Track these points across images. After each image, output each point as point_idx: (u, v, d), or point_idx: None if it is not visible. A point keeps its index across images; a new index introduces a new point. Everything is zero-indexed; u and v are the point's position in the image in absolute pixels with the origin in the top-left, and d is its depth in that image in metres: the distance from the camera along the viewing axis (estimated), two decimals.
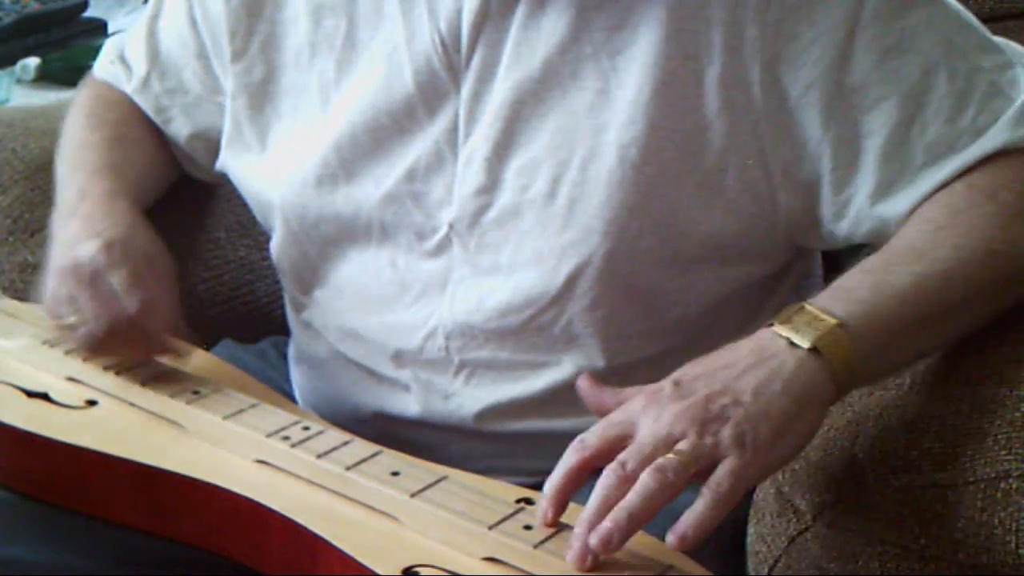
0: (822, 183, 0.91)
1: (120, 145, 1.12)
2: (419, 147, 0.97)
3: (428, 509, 0.80)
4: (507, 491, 0.82)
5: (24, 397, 0.93)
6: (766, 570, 0.86)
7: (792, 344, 0.78)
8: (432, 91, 0.96)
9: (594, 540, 0.73)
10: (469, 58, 0.95)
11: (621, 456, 0.75)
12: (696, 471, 0.74)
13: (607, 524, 0.73)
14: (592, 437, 0.77)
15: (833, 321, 0.79)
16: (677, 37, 0.90)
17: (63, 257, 0.97)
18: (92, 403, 0.93)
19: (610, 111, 0.91)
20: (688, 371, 0.79)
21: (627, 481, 0.74)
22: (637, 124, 0.90)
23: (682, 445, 0.75)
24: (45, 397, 0.93)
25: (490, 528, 0.78)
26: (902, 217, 0.88)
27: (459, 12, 0.94)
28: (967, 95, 0.88)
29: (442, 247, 0.98)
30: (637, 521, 0.73)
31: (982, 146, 0.87)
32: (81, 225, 0.99)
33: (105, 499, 0.88)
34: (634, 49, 0.91)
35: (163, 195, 1.18)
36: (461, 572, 0.76)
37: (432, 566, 0.76)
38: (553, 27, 0.92)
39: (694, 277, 0.94)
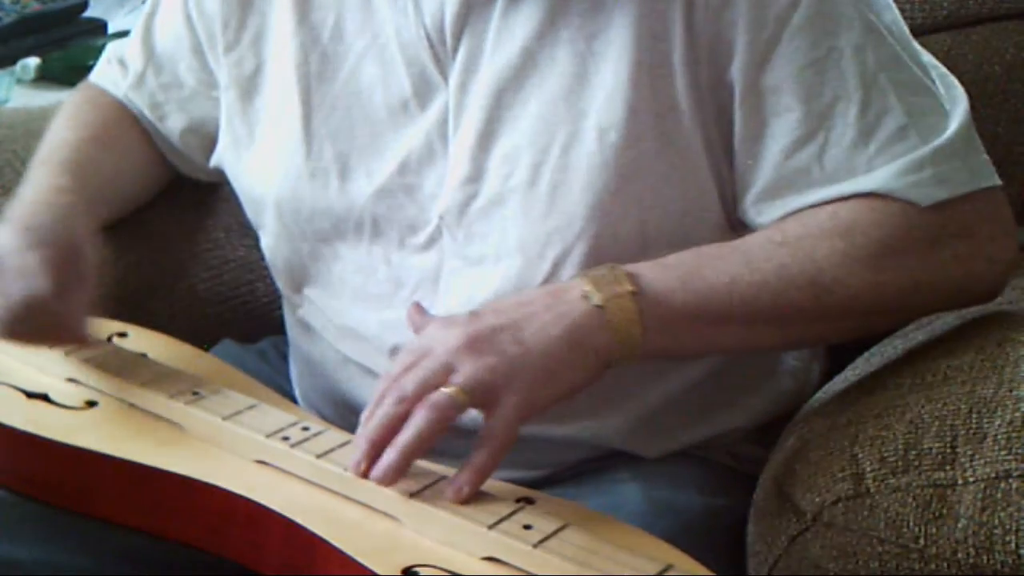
0: (736, 167, 0.92)
1: (92, 147, 1.12)
2: (411, 140, 0.97)
3: (427, 509, 0.80)
4: (506, 491, 0.83)
5: (24, 398, 0.93)
6: (766, 570, 0.86)
7: (585, 296, 0.84)
8: (423, 84, 0.97)
9: (374, 476, 0.81)
10: (455, 49, 0.95)
11: (402, 379, 0.83)
12: (468, 403, 0.81)
13: (383, 461, 0.81)
14: (396, 366, 0.85)
15: (629, 288, 0.85)
16: (647, 19, 0.90)
17: None
18: (92, 404, 0.93)
19: (589, 95, 0.92)
20: (488, 304, 0.87)
21: (401, 401, 0.82)
22: (616, 107, 0.91)
23: (457, 377, 0.82)
24: (45, 398, 0.93)
25: (489, 528, 0.78)
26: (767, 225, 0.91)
27: (442, 5, 0.95)
28: (872, 132, 0.89)
29: (433, 239, 0.98)
30: (410, 456, 0.81)
31: (862, 183, 0.88)
32: (18, 214, 0.99)
33: (105, 500, 0.88)
34: (609, 32, 0.91)
35: (150, 198, 1.19)
36: (460, 572, 0.76)
37: (431, 566, 0.76)
38: (531, 13, 0.93)
39: None
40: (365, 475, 0.82)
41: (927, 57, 0.96)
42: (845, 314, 0.89)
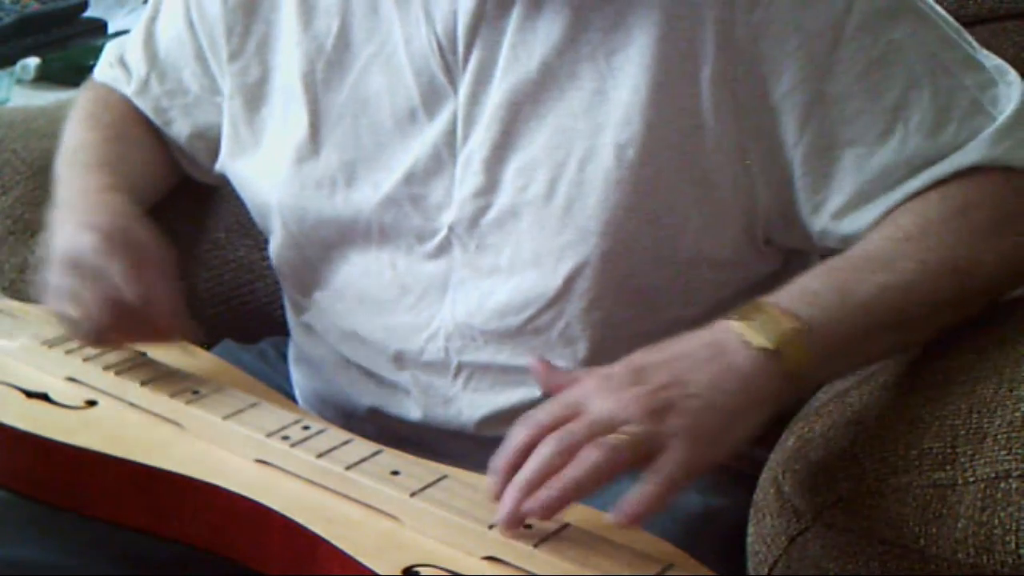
0: (795, 186, 0.91)
1: (118, 144, 1.12)
2: (418, 150, 0.97)
3: (428, 508, 0.80)
4: None
5: (24, 397, 0.93)
6: (766, 570, 0.86)
7: (748, 342, 0.79)
8: (431, 94, 0.96)
9: (532, 504, 0.75)
10: (466, 60, 0.95)
11: (569, 425, 0.76)
12: (641, 455, 0.76)
13: (548, 492, 0.74)
14: (543, 414, 0.78)
15: (795, 325, 0.80)
16: (672, 36, 0.90)
17: (63, 251, 0.96)
18: (92, 403, 0.93)
19: (607, 111, 0.91)
20: (643, 358, 0.80)
21: (569, 451, 0.75)
22: (634, 124, 0.90)
23: (631, 427, 0.76)
24: (45, 397, 0.93)
25: (490, 527, 0.78)
26: (868, 228, 0.89)
27: (455, 14, 0.94)
28: (948, 112, 0.89)
29: (442, 249, 0.98)
30: (580, 491, 0.75)
31: (958, 160, 0.88)
32: (79, 219, 0.98)
33: (105, 499, 0.88)
34: (630, 49, 0.91)
35: (163, 197, 1.18)
36: (461, 572, 0.76)
37: (432, 565, 0.76)
38: (549, 28, 0.92)
39: (691, 277, 0.95)
40: (515, 524, 0.76)
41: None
42: (983, 292, 0.89)
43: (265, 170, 1.05)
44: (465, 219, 0.96)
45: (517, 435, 0.78)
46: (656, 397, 0.77)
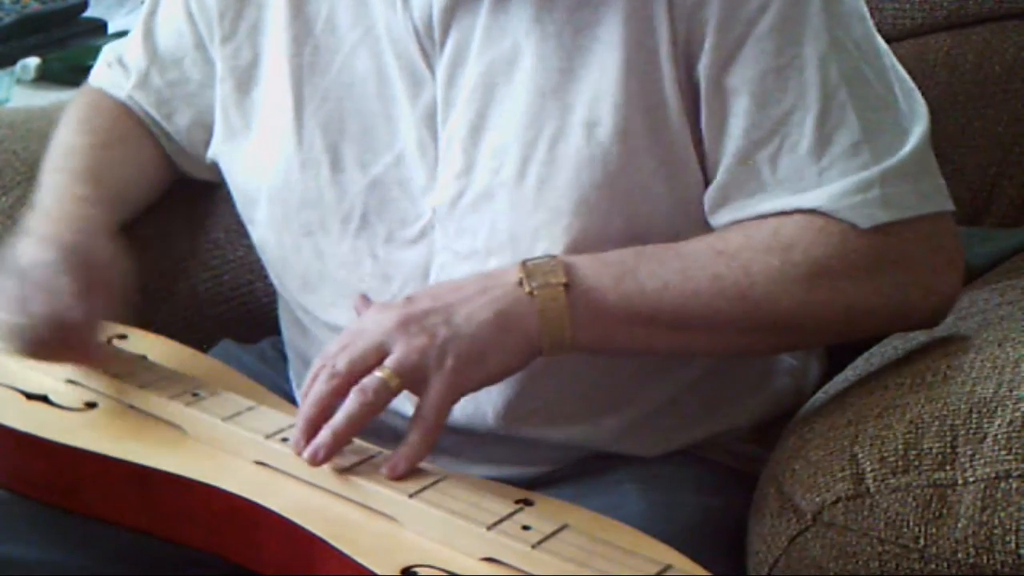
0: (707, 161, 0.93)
1: (105, 151, 1.12)
2: (404, 133, 0.98)
3: (426, 509, 0.80)
4: (506, 491, 0.83)
5: (24, 399, 0.93)
6: (766, 570, 0.86)
7: (519, 282, 0.87)
8: (412, 77, 0.97)
9: (306, 455, 0.84)
10: (442, 43, 0.95)
11: (336, 356, 0.85)
12: (400, 385, 0.84)
13: (316, 440, 0.84)
14: (333, 345, 0.87)
15: (562, 279, 0.86)
16: (636, 15, 0.90)
17: (23, 260, 0.96)
18: (91, 405, 0.93)
19: (576, 90, 0.92)
20: (426, 289, 0.91)
21: (333, 377, 0.85)
22: (603, 102, 0.91)
23: (388, 361, 0.84)
24: (45, 399, 0.93)
25: (488, 528, 0.78)
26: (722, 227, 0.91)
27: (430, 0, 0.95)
28: (826, 145, 0.88)
29: (424, 233, 0.98)
30: (341, 438, 0.84)
31: (805, 199, 0.88)
32: (48, 228, 0.99)
33: (104, 500, 0.88)
34: (598, 29, 0.91)
35: (155, 201, 1.19)
36: (459, 572, 0.76)
37: (430, 566, 0.76)
38: (520, 10, 0.93)
39: None
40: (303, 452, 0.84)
41: (898, 71, 0.94)
42: (773, 329, 0.89)
43: (254, 154, 1.05)
44: (446, 202, 0.96)
45: (314, 365, 0.87)
46: (415, 323, 0.85)
